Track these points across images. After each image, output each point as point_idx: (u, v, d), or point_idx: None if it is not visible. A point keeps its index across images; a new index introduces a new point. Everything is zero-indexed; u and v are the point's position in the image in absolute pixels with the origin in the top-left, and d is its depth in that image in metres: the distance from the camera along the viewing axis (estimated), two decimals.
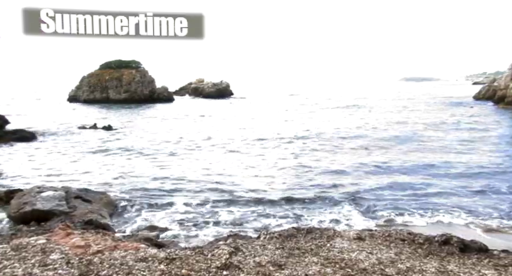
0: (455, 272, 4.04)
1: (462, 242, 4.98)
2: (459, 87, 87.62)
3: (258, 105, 40.36)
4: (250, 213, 9.24)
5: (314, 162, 14.68)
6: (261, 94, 62.10)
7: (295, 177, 12.52)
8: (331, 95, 57.71)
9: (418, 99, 51.07)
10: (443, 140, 19.77)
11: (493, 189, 11.19)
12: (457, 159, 15.18)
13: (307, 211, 9.38)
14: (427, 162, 14.53)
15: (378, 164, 14.40)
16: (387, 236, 5.44)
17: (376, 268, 4.23)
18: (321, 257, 4.61)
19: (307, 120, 28.24)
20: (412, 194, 10.79)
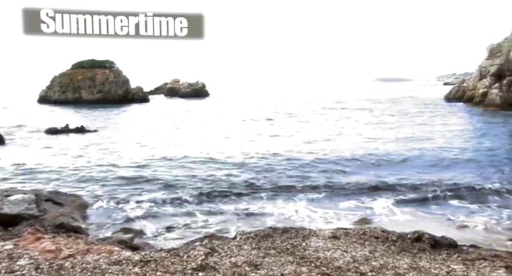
0: (427, 268, 4.14)
1: (433, 239, 5.11)
2: (431, 87, 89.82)
3: (221, 108, 38.74)
4: (225, 212, 9.20)
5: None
6: (237, 95, 62.05)
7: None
8: (306, 96, 57.93)
9: (396, 99, 52.12)
10: (416, 137, 20.26)
11: (463, 185, 11.51)
12: (429, 155, 15.64)
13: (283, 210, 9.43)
14: (400, 159, 14.83)
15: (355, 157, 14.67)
16: (362, 234, 5.52)
17: (350, 266, 4.28)
18: (297, 256, 4.64)
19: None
20: (386, 187, 11.05)
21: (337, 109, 38.15)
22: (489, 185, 11.29)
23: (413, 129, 23.81)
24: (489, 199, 10.12)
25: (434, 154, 15.84)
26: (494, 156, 15.43)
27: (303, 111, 35.73)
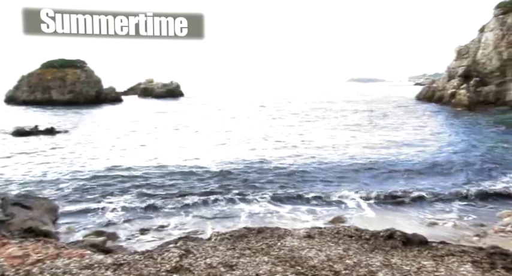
0: (398, 265, 4.22)
1: (405, 236, 5.21)
2: (403, 87, 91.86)
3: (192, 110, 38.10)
4: (200, 214, 9.13)
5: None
6: (211, 95, 61.80)
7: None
8: (279, 97, 58.16)
9: (369, 100, 52.96)
10: (387, 137, 20.65)
11: (432, 185, 11.81)
12: (398, 155, 15.95)
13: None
14: (372, 160, 15.08)
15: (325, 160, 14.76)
16: (336, 233, 5.59)
17: (325, 265, 4.32)
18: (272, 256, 4.65)
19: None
20: (357, 187, 11.21)
21: (310, 110, 38.44)
22: (457, 185, 11.61)
23: (385, 130, 24.13)
24: (457, 198, 10.39)
25: (405, 155, 16.09)
26: (460, 156, 15.75)
27: (270, 112, 35.61)
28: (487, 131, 22.53)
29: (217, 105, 41.39)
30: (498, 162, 14.49)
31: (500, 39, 35.41)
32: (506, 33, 35.12)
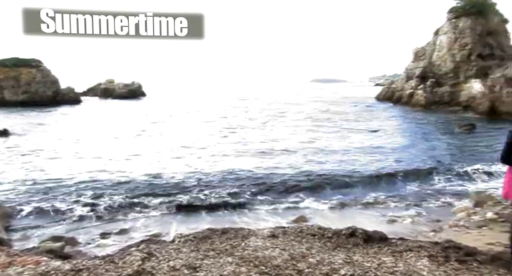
0: (360, 262, 4.32)
1: (366, 233, 5.34)
2: (364, 88, 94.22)
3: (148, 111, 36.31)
4: (163, 216, 8.99)
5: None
6: (174, 96, 61.08)
7: None
8: (240, 97, 58.12)
9: (330, 100, 53.95)
10: (345, 137, 21.10)
11: (391, 181, 12.18)
12: (356, 155, 16.31)
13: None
14: (333, 160, 15.27)
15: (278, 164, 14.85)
16: (299, 232, 5.65)
17: (288, 264, 4.36)
18: (236, 256, 4.64)
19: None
20: (317, 186, 11.35)
21: (268, 111, 38.68)
22: (413, 184, 11.96)
23: (343, 131, 24.19)
24: (414, 196, 10.72)
25: (361, 157, 16.08)
26: (415, 156, 16.18)
27: (223, 113, 34.97)
28: (441, 131, 23.48)
29: (173, 107, 39.90)
30: (453, 161, 15.09)
31: (453, 42, 37.01)
32: (458, 37, 36.75)
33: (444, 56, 37.64)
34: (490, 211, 8.44)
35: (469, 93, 33.53)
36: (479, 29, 36.17)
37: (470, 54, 36.02)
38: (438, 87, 36.86)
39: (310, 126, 25.87)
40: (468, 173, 13.07)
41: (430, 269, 4.07)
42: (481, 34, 36.21)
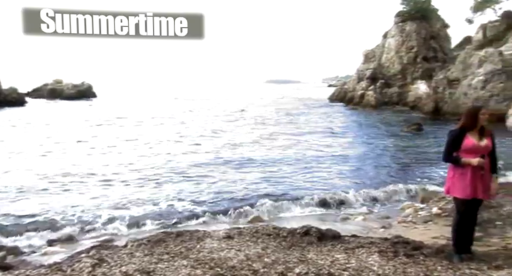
0: (314, 260, 4.41)
1: (319, 232, 5.46)
2: (317, 89, 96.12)
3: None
4: (114, 220, 8.67)
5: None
6: (126, 97, 59.46)
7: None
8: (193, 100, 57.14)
9: (285, 101, 54.59)
10: (298, 137, 21.32)
11: (342, 179, 12.47)
12: (308, 153, 16.54)
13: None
14: (279, 162, 14.87)
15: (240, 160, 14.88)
16: (254, 233, 5.68)
17: (244, 264, 4.37)
18: (191, 259, 4.60)
19: None
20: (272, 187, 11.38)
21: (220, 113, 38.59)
22: (365, 184, 12.25)
23: (295, 133, 23.82)
24: (366, 194, 11.01)
25: (312, 157, 16.02)
26: (366, 156, 16.43)
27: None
28: (390, 130, 24.38)
29: (116, 110, 37.35)
30: (400, 160, 15.72)
31: (400, 45, 38.65)
32: (405, 40, 38.43)
33: (392, 58, 39.22)
34: (435, 206, 8.88)
35: (415, 94, 35.11)
36: (423, 32, 38.01)
37: (416, 56, 37.77)
38: (387, 88, 38.33)
39: (262, 129, 24.90)
40: (414, 171, 13.63)
41: (380, 264, 4.22)
42: (426, 38, 38.07)
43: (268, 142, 19.59)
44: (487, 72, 25.71)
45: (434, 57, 37.94)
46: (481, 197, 4.64)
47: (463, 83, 27.40)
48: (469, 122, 4.63)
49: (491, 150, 4.65)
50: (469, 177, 4.53)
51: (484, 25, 34.46)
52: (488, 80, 25.50)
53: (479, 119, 4.59)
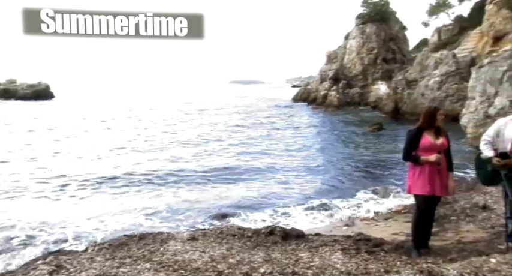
0: (278, 259, 4.43)
1: (284, 231, 5.51)
2: (281, 89, 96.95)
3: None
4: (72, 224, 8.37)
5: None
6: (85, 97, 57.75)
7: None
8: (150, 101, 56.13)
9: (248, 102, 54.62)
10: (261, 138, 21.31)
11: (305, 179, 12.60)
12: (270, 155, 16.56)
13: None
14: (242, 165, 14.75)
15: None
16: (219, 233, 5.66)
17: (208, 266, 4.34)
18: (155, 262, 4.52)
19: None
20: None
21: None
22: (328, 183, 12.51)
23: (257, 131, 24.15)
24: (328, 193, 11.22)
25: (274, 160, 15.98)
26: (329, 157, 16.80)
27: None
28: (352, 130, 24.99)
29: (71, 111, 35.62)
30: (362, 160, 16.08)
31: (361, 46, 39.67)
32: (366, 41, 39.48)
33: (354, 59, 40.17)
34: (396, 204, 9.18)
35: (376, 95, 36.12)
36: (383, 34, 39.20)
37: (377, 58, 38.89)
38: (349, 89, 39.21)
39: (225, 132, 24.55)
40: (375, 170, 14.01)
41: (343, 262, 4.30)
42: (385, 39, 39.28)
43: (224, 146, 18.77)
44: (442, 73, 26.78)
45: (393, 58, 39.20)
46: (439, 194, 4.83)
47: (421, 84, 28.42)
48: (427, 122, 4.82)
49: (447, 148, 4.85)
50: (428, 175, 4.71)
51: (439, 28, 36.05)
52: (444, 81, 26.57)
53: (437, 119, 4.78)
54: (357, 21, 40.61)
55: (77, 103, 45.94)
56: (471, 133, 14.84)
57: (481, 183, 5.51)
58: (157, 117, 31.73)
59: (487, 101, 14.68)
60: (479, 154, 4.93)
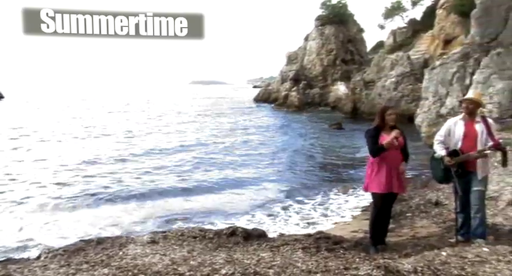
0: (240, 260, 4.42)
1: (245, 232, 5.51)
2: (242, 90, 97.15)
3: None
4: (23, 229, 7.98)
5: None
6: (38, 98, 55.34)
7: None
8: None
9: (211, 102, 54.24)
10: (222, 138, 21.30)
11: (266, 180, 12.68)
12: (236, 152, 16.77)
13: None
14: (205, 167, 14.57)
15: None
16: (180, 236, 5.58)
17: (169, 269, 4.26)
18: (113, 267, 4.39)
19: None
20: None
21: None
22: (294, 182, 12.68)
23: (218, 133, 24.07)
24: (289, 191, 11.35)
25: (235, 160, 16.12)
26: (291, 155, 17.13)
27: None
28: (312, 129, 25.44)
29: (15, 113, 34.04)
30: (322, 159, 16.38)
31: (321, 48, 40.40)
32: (325, 42, 40.25)
33: (314, 60, 40.84)
34: (354, 202, 9.41)
35: (335, 95, 36.92)
36: (341, 36, 40.12)
37: (336, 59, 39.73)
38: (310, 89, 39.82)
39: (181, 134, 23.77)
40: (334, 169, 14.32)
41: (304, 260, 4.35)
42: (343, 41, 40.21)
43: (184, 148, 18.40)
44: (398, 74, 27.76)
45: (351, 59, 40.19)
46: (396, 191, 4.99)
47: (378, 85, 29.32)
48: (379, 122, 4.97)
49: (403, 146, 5.02)
50: (385, 173, 4.85)
51: (394, 31, 37.38)
52: (399, 81, 27.55)
53: (386, 118, 4.94)
54: (316, 22, 41.33)
55: (25, 104, 43.89)
56: (425, 132, 15.44)
57: (435, 180, 5.74)
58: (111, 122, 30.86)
59: (439, 101, 15.32)
60: (434, 153, 5.15)
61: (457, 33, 25.32)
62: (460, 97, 5.60)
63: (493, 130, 4.96)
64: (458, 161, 4.88)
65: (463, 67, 14.38)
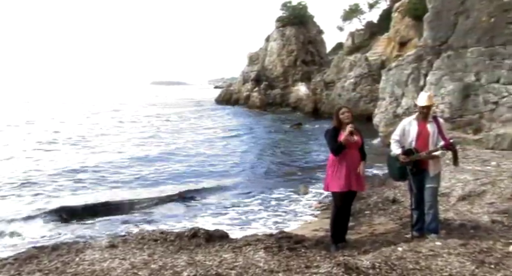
0: (202, 261, 4.38)
1: (207, 233, 5.47)
2: (204, 90, 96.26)
3: None
4: None
5: None
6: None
7: None
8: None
9: (172, 103, 53.43)
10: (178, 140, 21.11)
11: (226, 179, 12.63)
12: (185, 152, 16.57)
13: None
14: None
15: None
16: (140, 239, 5.47)
17: (129, 273, 4.17)
18: (69, 274, 4.25)
19: None
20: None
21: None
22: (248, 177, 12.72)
23: (178, 133, 23.81)
24: (250, 190, 11.38)
25: (211, 156, 16.53)
26: (251, 154, 17.28)
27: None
28: (274, 129, 25.62)
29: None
30: (283, 159, 16.52)
31: (281, 49, 40.76)
32: (286, 44, 40.64)
33: (275, 61, 41.14)
34: (315, 202, 9.55)
35: (296, 95, 37.36)
36: (302, 37, 40.65)
37: (296, 60, 40.20)
38: (271, 90, 40.06)
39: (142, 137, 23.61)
40: (295, 169, 14.48)
41: (266, 260, 4.37)
42: (304, 42, 40.76)
43: (143, 149, 18.08)
44: (356, 75, 28.46)
45: (312, 60, 40.80)
46: (355, 189, 5.12)
47: (337, 85, 29.96)
48: (336, 122, 5.11)
49: (361, 145, 5.16)
50: (345, 172, 4.97)
51: (352, 33, 38.33)
52: (358, 82, 28.25)
53: (340, 117, 5.08)
54: (277, 24, 41.65)
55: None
56: (383, 132, 15.95)
57: (392, 178, 5.92)
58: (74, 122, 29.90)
59: (395, 102, 15.88)
60: (390, 152, 5.32)
61: (411, 35, 26.30)
62: (415, 97, 5.80)
63: (444, 130, 5.19)
64: (412, 160, 5.07)
65: (417, 69, 14.96)
